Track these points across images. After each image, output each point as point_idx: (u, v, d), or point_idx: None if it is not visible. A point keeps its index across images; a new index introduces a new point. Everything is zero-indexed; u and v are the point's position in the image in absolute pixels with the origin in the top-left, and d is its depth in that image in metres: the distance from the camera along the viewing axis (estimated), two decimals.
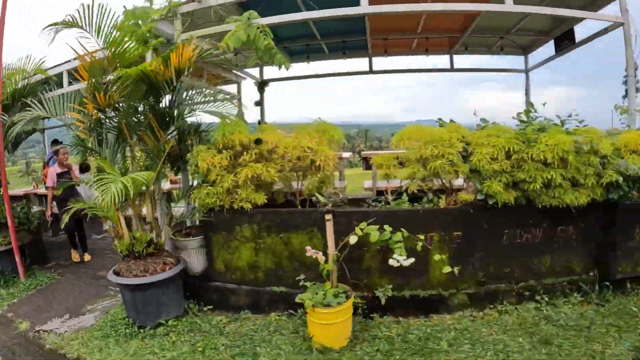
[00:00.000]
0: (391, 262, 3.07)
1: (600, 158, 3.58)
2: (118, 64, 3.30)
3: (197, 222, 3.88)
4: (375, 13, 4.06)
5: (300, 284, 3.38)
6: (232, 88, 7.39)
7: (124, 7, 3.73)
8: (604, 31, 5.01)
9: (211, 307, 3.73)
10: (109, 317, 3.61)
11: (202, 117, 4.02)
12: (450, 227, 3.51)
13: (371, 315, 3.57)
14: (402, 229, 3.15)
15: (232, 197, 3.51)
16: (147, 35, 3.78)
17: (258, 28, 3.78)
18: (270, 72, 8.22)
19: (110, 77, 3.33)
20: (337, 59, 7.74)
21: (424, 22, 6.29)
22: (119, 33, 3.33)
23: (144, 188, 3.34)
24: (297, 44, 7.12)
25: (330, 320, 3.10)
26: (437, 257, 3.47)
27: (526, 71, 7.71)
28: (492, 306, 3.67)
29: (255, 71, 8.08)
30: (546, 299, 3.73)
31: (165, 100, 3.61)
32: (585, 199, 3.50)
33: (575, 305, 3.75)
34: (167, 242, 3.82)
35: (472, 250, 3.58)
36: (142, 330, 3.37)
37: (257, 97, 8.25)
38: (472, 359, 3.02)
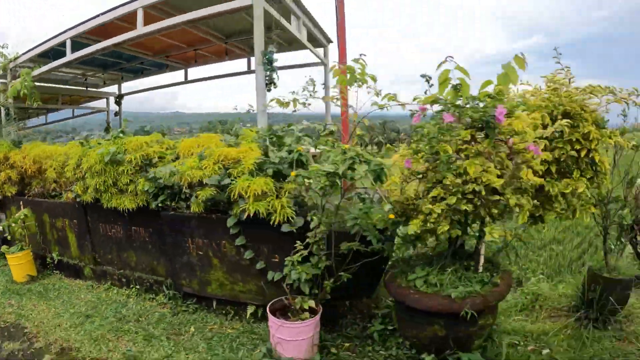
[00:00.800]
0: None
1: (136, 166, 3.94)
2: None
3: None
4: (76, 58, 5.49)
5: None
6: (103, 102, 9.70)
7: None
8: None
9: None
10: None
11: None
12: (72, 216, 4.74)
13: (55, 271, 5.33)
14: (28, 213, 4.88)
15: (4, 189, 5.88)
16: None
17: (25, 80, 5.90)
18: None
19: None
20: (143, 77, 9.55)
21: (170, 42, 7.14)
22: None
23: None
24: (117, 67, 8.96)
25: (10, 262, 5.09)
26: (70, 236, 4.89)
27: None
28: (105, 283, 4.68)
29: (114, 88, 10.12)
30: (135, 290, 4.36)
31: None
32: (131, 204, 3.94)
33: (159, 304, 4.14)
34: None
35: (86, 235, 4.70)
36: None
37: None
38: (51, 306, 4.29)
